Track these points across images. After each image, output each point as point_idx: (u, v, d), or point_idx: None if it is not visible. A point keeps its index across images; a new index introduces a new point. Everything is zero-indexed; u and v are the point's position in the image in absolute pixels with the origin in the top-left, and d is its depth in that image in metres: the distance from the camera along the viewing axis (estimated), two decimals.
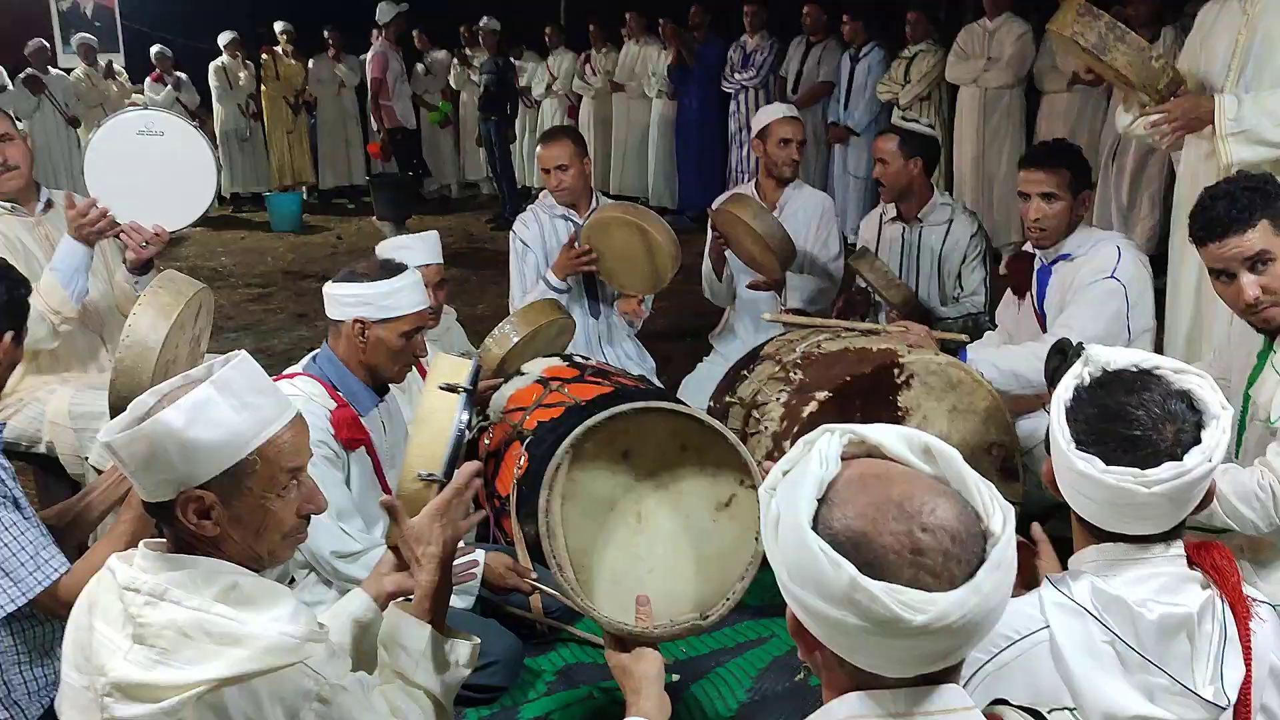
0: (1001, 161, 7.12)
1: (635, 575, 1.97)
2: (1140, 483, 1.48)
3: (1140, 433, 1.50)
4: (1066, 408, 1.57)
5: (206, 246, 9.59)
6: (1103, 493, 1.52)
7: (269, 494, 1.60)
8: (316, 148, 11.73)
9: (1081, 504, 1.58)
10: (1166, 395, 1.53)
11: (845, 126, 7.87)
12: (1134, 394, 1.53)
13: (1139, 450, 1.50)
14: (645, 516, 1.99)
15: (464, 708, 2.81)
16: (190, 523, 1.55)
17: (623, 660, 1.79)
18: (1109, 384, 1.56)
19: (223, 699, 1.49)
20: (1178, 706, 1.50)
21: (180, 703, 1.47)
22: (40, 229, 3.42)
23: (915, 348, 3.15)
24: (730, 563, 1.91)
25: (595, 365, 3.75)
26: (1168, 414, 1.51)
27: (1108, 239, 3.44)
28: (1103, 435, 1.52)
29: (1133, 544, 1.57)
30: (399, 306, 2.74)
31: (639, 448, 1.97)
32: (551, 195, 4.42)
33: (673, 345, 5.71)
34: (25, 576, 2.01)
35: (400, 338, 2.72)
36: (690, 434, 1.95)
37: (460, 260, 8.30)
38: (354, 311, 2.73)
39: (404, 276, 2.77)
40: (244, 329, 6.85)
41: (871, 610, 1.05)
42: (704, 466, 1.97)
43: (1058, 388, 1.60)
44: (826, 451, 1.15)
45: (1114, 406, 1.53)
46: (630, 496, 1.99)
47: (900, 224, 4.38)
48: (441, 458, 1.88)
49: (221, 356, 1.64)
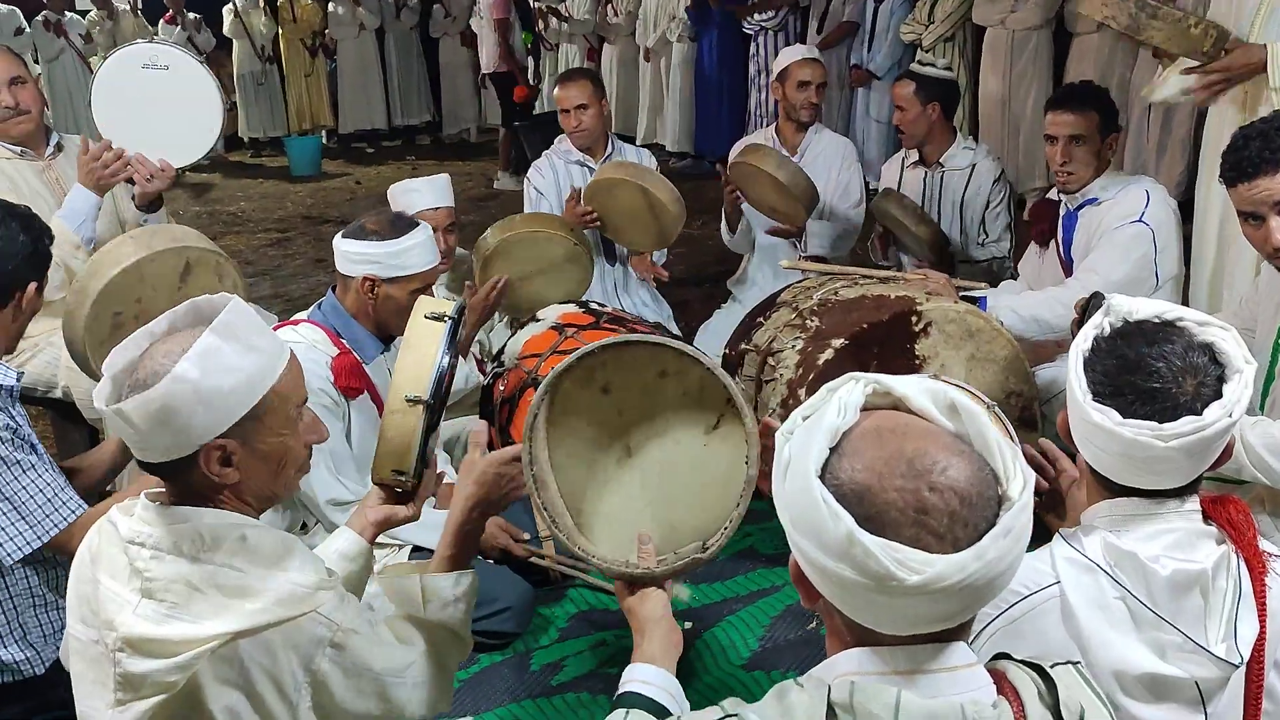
0: (1028, 105, 6.97)
1: (633, 512, 1.93)
2: (1157, 436, 1.44)
3: (1159, 385, 1.46)
4: (1085, 358, 1.53)
5: (225, 191, 9.58)
6: (1118, 445, 1.48)
7: (285, 431, 1.60)
8: (336, 91, 11.65)
9: (1096, 456, 1.55)
10: (1188, 347, 1.48)
11: (867, 70, 7.73)
12: (1155, 345, 1.48)
13: (1157, 403, 1.46)
14: (635, 450, 1.95)
15: (477, 653, 2.83)
16: (213, 473, 1.53)
17: (629, 603, 1.77)
18: (1129, 334, 1.51)
19: (237, 651, 1.49)
20: (1189, 664, 1.47)
21: (194, 656, 1.47)
22: (49, 173, 3.41)
23: (934, 295, 3.10)
24: (728, 488, 1.86)
25: (611, 312, 3.73)
26: (1189, 366, 1.47)
27: (1136, 182, 3.37)
28: (1121, 387, 1.48)
29: (1147, 499, 1.53)
30: (409, 265, 2.71)
31: (618, 380, 1.92)
32: (569, 138, 4.37)
33: (690, 291, 5.67)
34: (42, 519, 2.03)
35: (410, 295, 2.67)
36: (668, 360, 1.90)
37: (479, 206, 8.26)
38: (363, 269, 2.70)
39: (415, 234, 2.73)
40: (262, 274, 6.86)
41: (866, 565, 1.03)
42: (687, 392, 1.92)
43: (1077, 337, 1.56)
44: (847, 400, 1.12)
45: (1133, 357, 1.48)
46: (617, 432, 1.95)
47: (922, 169, 4.31)
48: (427, 381, 1.88)
49: (184, 304, 1.59)
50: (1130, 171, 5.69)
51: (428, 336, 1.94)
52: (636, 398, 1.93)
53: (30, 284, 2.26)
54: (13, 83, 3.29)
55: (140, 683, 1.49)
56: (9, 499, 2.02)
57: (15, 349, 2.36)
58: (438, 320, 1.96)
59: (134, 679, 1.49)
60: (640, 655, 1.66)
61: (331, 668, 1.58)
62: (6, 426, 2.03)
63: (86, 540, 1.62)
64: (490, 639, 2.84)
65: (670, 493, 1.94)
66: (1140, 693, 1.49)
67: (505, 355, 3.58)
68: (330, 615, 1.57)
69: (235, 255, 7.36)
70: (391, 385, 1.91)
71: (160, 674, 1.47)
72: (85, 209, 3.24)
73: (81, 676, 1.57)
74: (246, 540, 1.54)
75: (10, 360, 3.23)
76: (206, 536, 1.52)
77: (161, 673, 1.47)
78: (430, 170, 9.69)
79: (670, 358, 1.88)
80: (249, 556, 1.53)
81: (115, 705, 1.51)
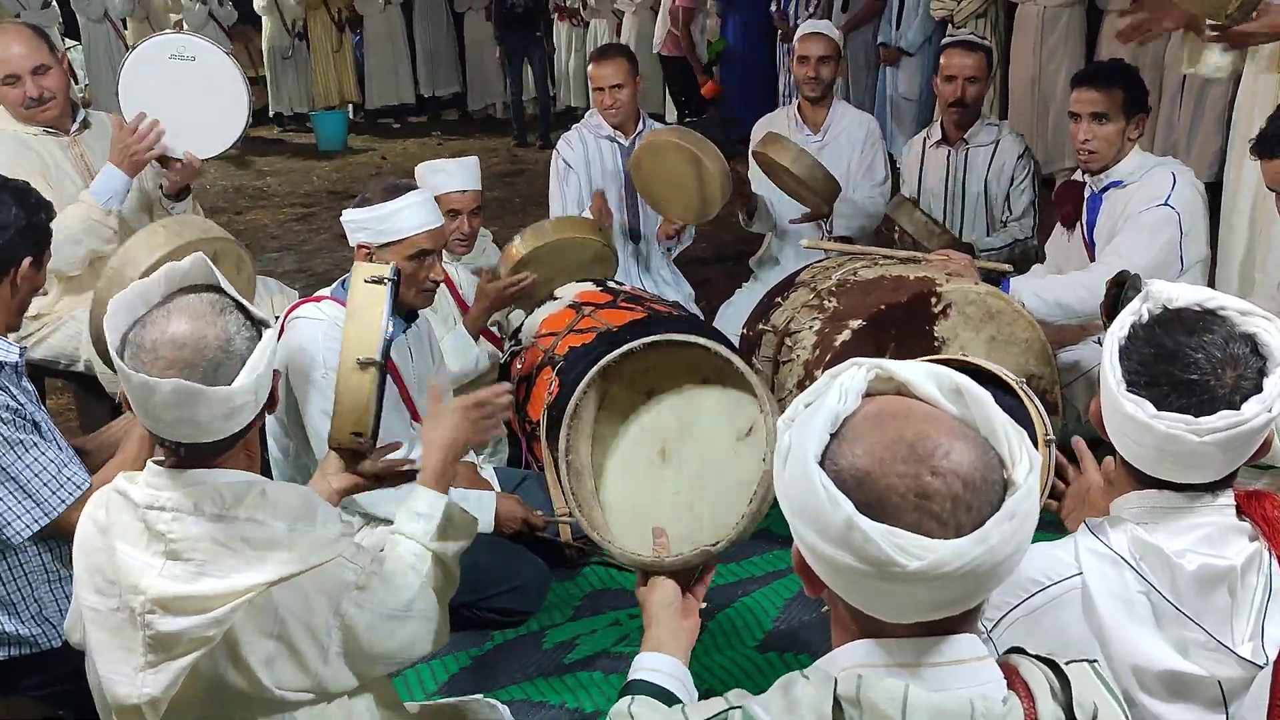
0: (1059, 83, 6.85)
1: (659, 511, 1.96)
2: (1192, 430, 1.39)
3: (1197, 377, 1.40)
4: (1120, 345, 1.47)
5: (250, 165, 9.61)
6: (1151, 438, 1.43)
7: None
8: (362, 66, 11.64)
9: (1128, 448, 1.49)
10: (1229, 338, 1.42)
11: (897, 47, 7.63)
12: (1194, 335, 1.42)
13: (1194, 395, 1.40)
14: (669, 452, 1.98)
15: (491, 630, 2.84)
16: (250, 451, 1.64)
17: (640, 592, 1.79)
18: (1168, 322, 1.45)
19: (271, 600, 1.54)
20: (1211, 662, 1.44)
21: (231, 609, 1.50)
22: (74, 148, 3.41)
23: (955, 276, 3.06)
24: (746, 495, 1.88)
25: (629, 291, 3.70)
26: (1229, 358, 1.40)
27: (1162, 165, 3.32)
28: (1156, 377, 1.42)
29: (1178, 492, 1.49)
30: (400, 229, 2.65)
31: (660, 384, 1.96)
32: (600, 115, 4.34)
33: (712, 269, 5.64)
34: (48, 496, 2.04)
35: (408, 261, 2.63)
36: (710, 364, 1.92)
37: (504, 182, 8.25)
38: (357, 237, 2.68)
39: (406, 198, 2.66)
40: (286, 249, 6.88)
41: (866, 551, 1.01)
42: (725, 397, 1.94)
43: (1114, 324, 1.50)
44: (848, 385, 1.10)
45: (1171, 347, 1.42)
46: (653, 432, 1.98)
47: (945, 147, 4.26)
48: (376, 343, 1.95)
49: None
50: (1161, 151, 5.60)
51: (371, 300, 1.99)
52: (678, 401, 1.97)
53: (25, 258, 2.20)
54: (36, 72, 3.25)
55: (174, 642, 1.51)
56: (14, 478, 2.03)
57: (19, 326, 2.34)
58: (378, 284, 1.99)
59: (167, 639, 1.52)
60: (648, 643, 1.67)
61: (357, 611, 1.63)
62: (6, 407, 2.04)
63: (88, 514, 1.63)
64: (504, 616, 2.85)
65: (698, 494, 1.97)
66: (1160, 690, 1.46)
67: (523, 333, 3.57)
68: (353, 559, 1.64)
69: (260, 230, 7.45)
70: (341, 351, 1.94)
71: (196, 629, 1.50)
72: (115, 187, 3.25)
73: (103, 645, 1.59)
74: (267, 494, 1.58)
75: (31, 335, 3.29)
76: (226, 495, 1.55)
77: (198, 628, 1.50)
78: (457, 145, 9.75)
79: (713, 360, 1.90)
80: (271, 510, 1.57)
81: (146, 668, 1.54)
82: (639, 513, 1.97)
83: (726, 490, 1.94)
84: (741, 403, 1.91)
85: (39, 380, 3.52)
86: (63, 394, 4.25)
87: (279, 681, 1.58)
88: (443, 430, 1.98)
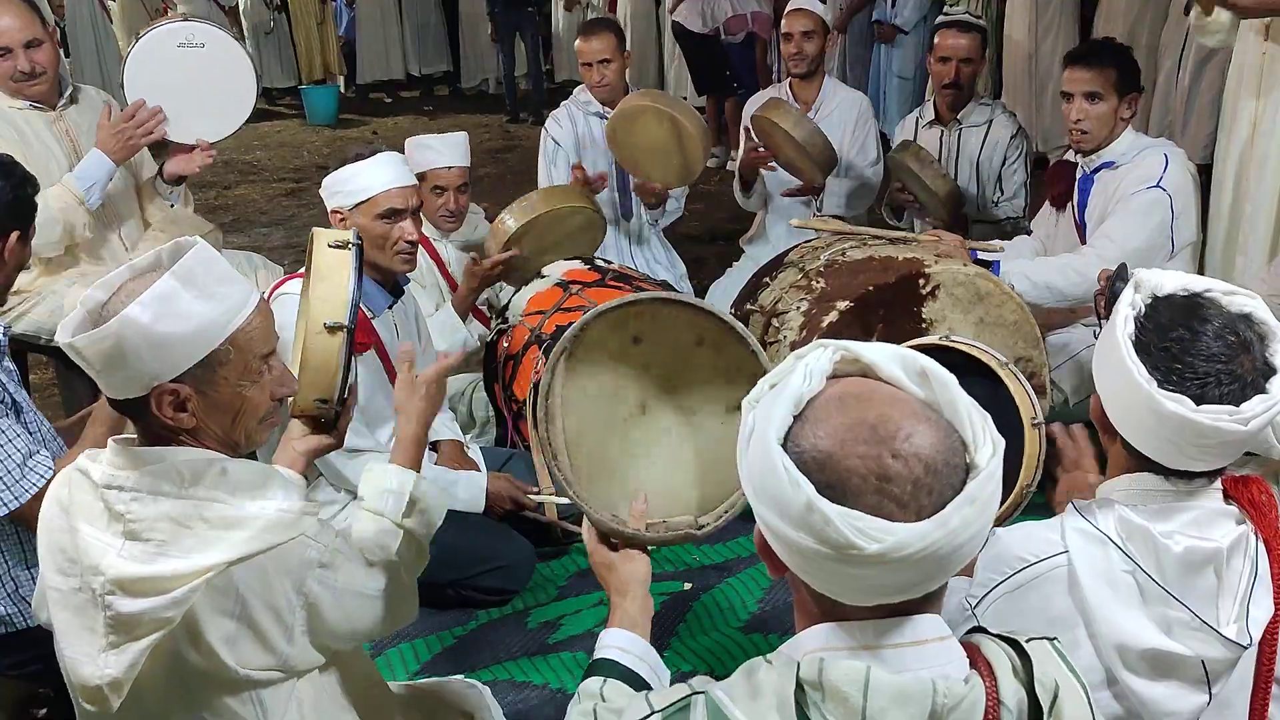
0: (1054, 62, 6.81)
1: (635, 469, 1.92)
2: (1237, 420, 1.39)
3: (1223, 366, 1.41)
4: (1133, 340, 1.46)
5: (240, 139, 9.46)
6: (1190, 432, 1.42)
7: (244, 381, 1.59)
8: (354, 40, 11.52)
9: (1144, 440, 1.49)
10: (1230, 321, 1.44)
11: (893, 25, 7.58)
12: (1204, 324, 1.43)
13: (1224, 385, 1.41)
14: (650, 409, 1.93)
15: (475, 609, 2.84)
16: (166, 416, 1.54)
17: (609, 557, 1.74)
18: (1170, 313, 1.46)
19: (231, 580, 1.51)
20: (1196, 642, 1.45)
21: (190, 590, 1.48)
22: (60, 124, 3.36)
23: (944, 257, 3.04)
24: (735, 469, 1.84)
25: (617, 269, 3.67)
26: (1241, 342, 1.42)
27: (1155, 147, 3.30)
28: (1184, 373, 1.42)
29: (1177, 478, 1.50)
30: (366, 188, 2.65)
31: (651, 335, 1.89)
32: (590, 91, 4.29)
33: (705, 248, 5.63)
34: (13, 484, 2.00)
35: (378, 220, 2.64)
36: (708, 330, 1.87)
37: (496, 159, 8.19)
38: (330, 204, 2.68)
39: (375, 158, 2.67)
40: (276, 224, 6.84)
41: (825, 534, 1.01)
42: (719, 366, 1.90)
43: (1116, 323, 1.49)
44: (813, 366, 1.10)
45: (1189, 338, 1.43)
46: (636, 385, 1.92)
47: (938, 127, 4.24)
48: (344, 307, 1.90)
49: (168, 244, 1.58)
50: (1157, 131, 5.57)
51: (337, 264, 1.95)
52: (666, 356, 1.91)
53: (13, 233, 2.19)
54: (29, 46, 3.20)
55: (134, 623, 1.49)
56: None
57: (4, 302, 2.32)
58: (342, 248, 1.96)
59: (127, 620, 1.50)
60: (620, 618, 1.65)
61: (321, 589, 1.61)
62: None
63: (51, 494, 1.61)
64: (489, 595, 2.85)
65: (677, 459, 1.92)
66: (1143, 668, 1.47)
67: (510, 311, 3.55)
68: (316, 537, 1.61)
69: (249, 205, 7.40)
70: (309, 316, 1.91)
71: (155, 611, 1.48)
72: (98, 174, 3.22)
73: (67, 625, 1.58)
74: (227, 473, 1.55)
75: (12, 310, 3.25)
76: (185, 473, 1.52)
77: (157, 610, 1.48)
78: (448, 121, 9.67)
79: (712, 327, 1.86)
80: (231, 488, 1.54)
81: (108, 649, 1.52)
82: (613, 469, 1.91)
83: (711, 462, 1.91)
84: (737, 375, 1.87)
85: (22, 356, 3.49)
86: (46, 369, 4.22)
87: (242, 661, 1.55)
88: (418, 402, 1.98)
